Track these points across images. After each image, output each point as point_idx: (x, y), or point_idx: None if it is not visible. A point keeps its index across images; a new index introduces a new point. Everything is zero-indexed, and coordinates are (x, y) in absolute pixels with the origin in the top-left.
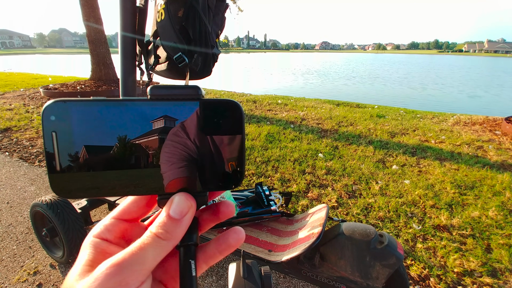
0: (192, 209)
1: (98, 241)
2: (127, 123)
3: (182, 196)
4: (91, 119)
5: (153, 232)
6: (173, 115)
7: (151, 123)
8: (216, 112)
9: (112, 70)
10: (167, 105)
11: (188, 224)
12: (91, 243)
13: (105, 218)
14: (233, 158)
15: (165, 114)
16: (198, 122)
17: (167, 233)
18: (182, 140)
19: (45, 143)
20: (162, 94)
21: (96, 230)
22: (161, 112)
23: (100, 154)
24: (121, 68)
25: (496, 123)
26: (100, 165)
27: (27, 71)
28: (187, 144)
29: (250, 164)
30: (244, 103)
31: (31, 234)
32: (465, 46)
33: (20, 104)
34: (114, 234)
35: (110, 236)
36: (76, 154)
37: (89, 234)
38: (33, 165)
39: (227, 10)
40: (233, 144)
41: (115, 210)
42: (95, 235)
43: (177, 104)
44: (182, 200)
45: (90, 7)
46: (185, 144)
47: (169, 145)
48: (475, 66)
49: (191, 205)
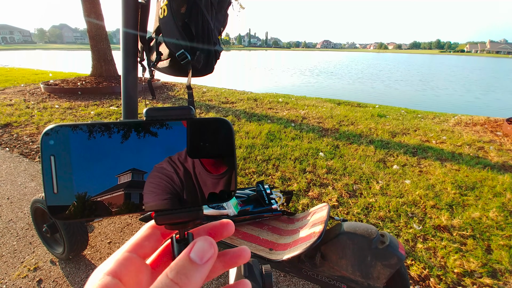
0: (215, 256)
1: (109, 279)
2: (124, 148)
3: (206, 241)
4: (88, 144)
5: (171, 277)
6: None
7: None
8: (206, 131)
9: (113, 66)
10: (161, 129)
11: (208, 271)
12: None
13: (117, 252)
14: (224, 176)
15: (160, 138)
16: (188, 143)
17: (187, 279)
18: (169, 173)
19: (43, 166)
20: (157, 115)
21: (108, 266)
22: (155, 135)
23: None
24: (123, 65)
25: (497, 124)
26: (98, 189)
27: (27, 67)
28: (173, 177)
29: (251, 162)
30: (245, 101)
31: (32, 230)
32: (467, 46)
33: (21, 100)
34: (126, 272)
35: (122, 273)
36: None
37: (100, 269)
38: (33, 161)
39: (229, 7)
40: (224, 162)
41: (127, 244)
42: (107, 272)
43: (170, 124)
44: (205, 245)
45: (91, 3)
46: (171, 177)
47: (154, 176)
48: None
49: (214, 252)
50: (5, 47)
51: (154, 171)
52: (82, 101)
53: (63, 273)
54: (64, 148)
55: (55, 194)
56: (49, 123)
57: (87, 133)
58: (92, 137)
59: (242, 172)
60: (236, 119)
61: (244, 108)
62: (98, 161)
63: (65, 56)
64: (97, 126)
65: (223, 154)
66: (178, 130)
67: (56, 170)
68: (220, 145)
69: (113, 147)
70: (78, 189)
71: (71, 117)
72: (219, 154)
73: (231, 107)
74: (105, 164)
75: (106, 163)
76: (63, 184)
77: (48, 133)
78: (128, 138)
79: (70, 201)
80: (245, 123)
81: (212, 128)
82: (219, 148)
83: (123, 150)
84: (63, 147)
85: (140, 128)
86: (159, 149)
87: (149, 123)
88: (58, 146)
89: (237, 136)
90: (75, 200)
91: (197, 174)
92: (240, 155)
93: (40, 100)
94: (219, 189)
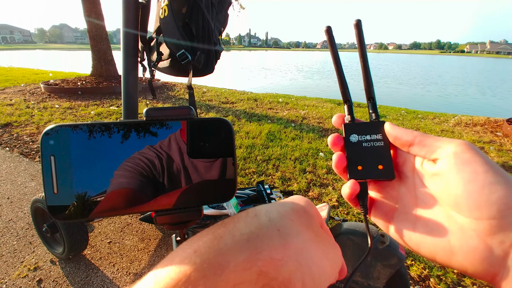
0: None
1: None
2: (124, 148)
3: None
4: (88, 144)
5: None
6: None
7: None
8: (206, 131)
9: (113, 66)
10: (161, 129)
11: None
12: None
13: None
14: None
15: (159, 136)
16: (188, 143)
17: None
18: (150, 157)
19: (43, 166)
20: (157, 115)
21: None
22: (155, 135)
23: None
24: (123, 65)
25: (497, 125)
26: (98, 189)
27: (27, 66)
28: (154, 162)
29: (251, 162)
30: (245, 101)
31: (32, 230)
32: (467, 46)
33: (21, 100)
34: None
35: None
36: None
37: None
38: (33, 161)
39: (230, 7)
40: (223, 163)
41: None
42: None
43: (170, 124)
44: None
45: (91, 3)
46: (151, 161)
47: (133, 157)
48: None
49: None
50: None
51: (134, 154)
52: (82, 101)
53: (63, 273)
54: (64, 148)
55: (55, 194)
56: (49, 123)
57: (87, 133)
58: (92, 137)
59: (242, 172)
60: (236, 119)
61: (244, 108)
62: (98, 161)
63: (65, 56)
64: (97, 126)
65: (223, 154)
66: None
67: (56, 170)
68: (220, 145)
69: (113, 147)
70: (78, 189)
71: (71, 117)
72: (219, 154)
73: (231, 107)
74: (105, 164)
75: (106, 163)
76: (63, 184)
77: (48, 133)
78: (128, 138)
79: (70, 201)
80: (245, 123)
81: (212, 128)
82: (219, 148)
83: (123, 150)
84: (63, 147)
85: (140, 128)
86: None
87: (149, 123)
88: (58, 146)
89: (237, 136)
90: (75, 200)
91: (184, 160)
92: (240, 155)
93: (40, 100)
94: (213, 175)
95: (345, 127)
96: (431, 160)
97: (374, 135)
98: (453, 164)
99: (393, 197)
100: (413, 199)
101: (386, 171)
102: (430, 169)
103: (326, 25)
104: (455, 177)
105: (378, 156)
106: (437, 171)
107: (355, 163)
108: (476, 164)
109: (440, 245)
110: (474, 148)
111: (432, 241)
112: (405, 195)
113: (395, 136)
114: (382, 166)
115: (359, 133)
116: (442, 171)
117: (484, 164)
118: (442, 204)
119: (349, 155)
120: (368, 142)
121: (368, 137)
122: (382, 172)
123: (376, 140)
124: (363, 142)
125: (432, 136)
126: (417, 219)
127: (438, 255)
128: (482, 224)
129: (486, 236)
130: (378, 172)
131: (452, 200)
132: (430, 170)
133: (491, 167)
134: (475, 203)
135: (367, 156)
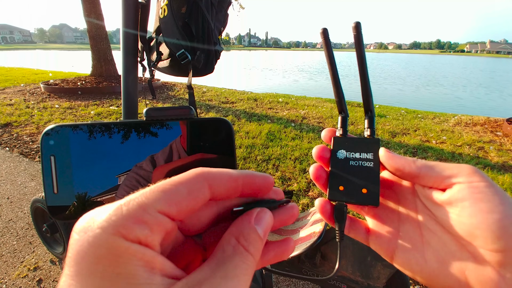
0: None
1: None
2: (124, 148)
3: (268, 213)
4: (88, 144)
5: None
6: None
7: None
8: (206, 131)
9: (113, 66)
10: (161, 129)
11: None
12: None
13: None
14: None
15: (158, 136)
16: (188, 143)
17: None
18: (146, 174)
19: (43, 167)
20: (157, 115)
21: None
22: (155, 135)
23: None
24: (123, 65)
25: (497, 124)
26: (98, 189)
27: (27, 66)
28: (149, 177)
29: (251, 162)
30: (245, 101)
31: (32, 230)
32: (467, 46)
33: (21, 100)
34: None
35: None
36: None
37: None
38: (33, 161)
39: (229, 7)
40: (223, 163)
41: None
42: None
43: (170, 124)
44: (268, 219)
45: (91, 3)
46: (146, 177)
47: (130, 177)
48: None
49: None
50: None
51: (132, 170)
52: (82, 101)
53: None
54: (64, 148)
55: (55, 194)
56: (49, 123)
57: (87, 133)
58: (92, 137)
59: None
60: (236, 119)
61: (244, 108)
62: (98, 161)
63: (65, 56)
64: (97, 126)
65: (223, 154)
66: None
67: (56, 170)
68: (220, 145)
69: (113, 147)
70: (78, 189)
71: (71, 117)
72: (219, 153)
73: (231, 107)
74: (105, 164)
75: (106, 163)
76: (63, 184)
77: (48, 133)
78: (128, 138)
79: (70, 201)
80: (245, 123)
81: (212, 128)
82: (219, 148)
83: (123, 150)
84: (63, 147)
85: (140, 128)
86: (159, 149)
87: (149, 123)
88: (58, 146)
89: (237, 136)
90: (75, 200)
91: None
92: (240, 155)
93: (40, 100)
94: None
95: (334, 140)
96: (439, 188)
97: (364, 154)
98: (467, 194)
99: (393, 221)
100: (416, 225)
101: (370, 196)
102: (438, 196)
103: (322, 27)
104: (472, 207)
105: (364, 178)
106: (449, 200)
107: (337, 182)
108: (491, 194)
109: (455, 277)
110: (485, 176)
111: (447, 273)
112: (407, 219)
113: (396, 167)
114: (366, 190)
115: (348, 150)
116: (455, 200)
117: (498, 194)
118: (453, 233)
119: (333, 172)
120: (356, 160)
121: (357, 155)
122: (365, 197)
123: (366, 159)
124: (350, 160)
125: (437, 163)
126: (426, 249)
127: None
128: (497, 256)
129: (499, 267)
130: (361, 197)
131: (465, 229)
132: (438, 198)
133: (505, 198)
134: (493, 235)
135: (352, 176)
